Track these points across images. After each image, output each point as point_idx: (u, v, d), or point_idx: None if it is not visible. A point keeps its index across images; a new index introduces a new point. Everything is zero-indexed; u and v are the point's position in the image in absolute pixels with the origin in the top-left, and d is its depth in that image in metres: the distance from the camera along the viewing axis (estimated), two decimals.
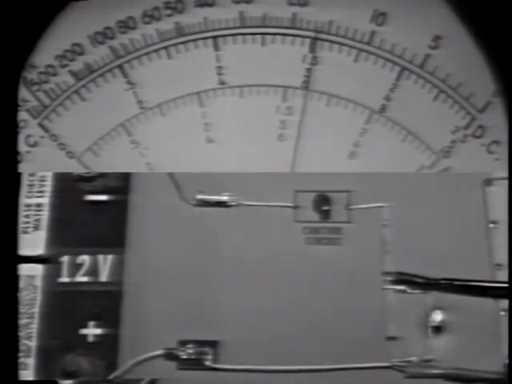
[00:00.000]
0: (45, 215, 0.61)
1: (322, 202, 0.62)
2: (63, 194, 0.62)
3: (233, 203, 0.62)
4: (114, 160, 0.61)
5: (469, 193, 0.61)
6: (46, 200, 0.62)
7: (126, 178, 0.62)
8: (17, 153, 0.58)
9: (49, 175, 0.62)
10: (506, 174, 0.59)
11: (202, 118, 0.60)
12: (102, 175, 0.62)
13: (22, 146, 0.60)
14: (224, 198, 0.62)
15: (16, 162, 0.58)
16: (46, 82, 0.59)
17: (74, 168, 0.61)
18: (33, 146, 0.60)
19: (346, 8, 0.57)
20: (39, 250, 0.60)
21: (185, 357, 0.58)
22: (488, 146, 0.60)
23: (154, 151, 0.60)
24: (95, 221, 0.61)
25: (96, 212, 0.61)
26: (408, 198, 0.61)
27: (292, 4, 0.58)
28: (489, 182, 0.61)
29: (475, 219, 0.60)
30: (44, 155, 0.61)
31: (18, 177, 0.60)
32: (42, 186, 0.62)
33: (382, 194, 0.61)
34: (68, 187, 0.62)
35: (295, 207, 0.61)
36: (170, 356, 0.58)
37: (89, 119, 0.60)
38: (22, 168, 0.60)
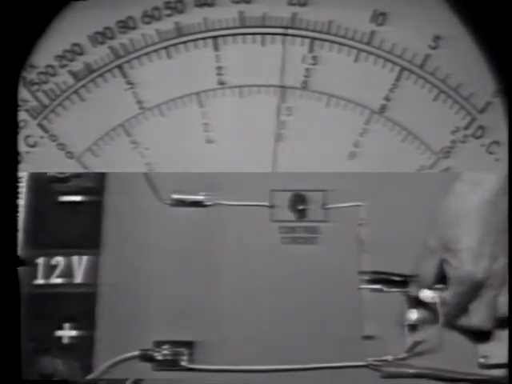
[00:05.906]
0: (20, 217, 0.61)
1: (298, 202, 0.61)
2: (37, 195, 0.61)
3: (209, 203, 0.61)
4: (113, 160, 0.60)
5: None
6: (20, 201, 0.61)
7: (101, 178, 0.62)
8: (17, 153, 0.58)
9: (23, 176, 0.62)
10: (505, 174, 0.59)
11: (201, 118, 0.60)
12: (77, 176, 0.61)
13: (22, 147, 0.60)
14: (200, 198, 0.61)
15: (16, 163, 0.58)
16: (45, 82, 0.59)
17: (74, 168, 0.61)
18: (32, 146, 0.60)
19: (345, 8, 0.57)
20: None
21: (160, 358, 0.58)
22: (488, 147, 0.60)
23: (153, 151, 0.60)
24: (70, 222, 0.61)
25: (71, 213, 0.61)
26: (386, 197, 0.61)
27: (292, 4, 0.58)
28: None
29: None
30: (43, 155, 0.60)
31: (17, 177, 0.60)
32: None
33: (358, 194, 0.61)
34: (42, 188, 0.61)
35: (271, 206, 0.61)
36: (145, 357, 0.58)
37: (88, 119, 0.60)
38: (22, 168, 0.60)
